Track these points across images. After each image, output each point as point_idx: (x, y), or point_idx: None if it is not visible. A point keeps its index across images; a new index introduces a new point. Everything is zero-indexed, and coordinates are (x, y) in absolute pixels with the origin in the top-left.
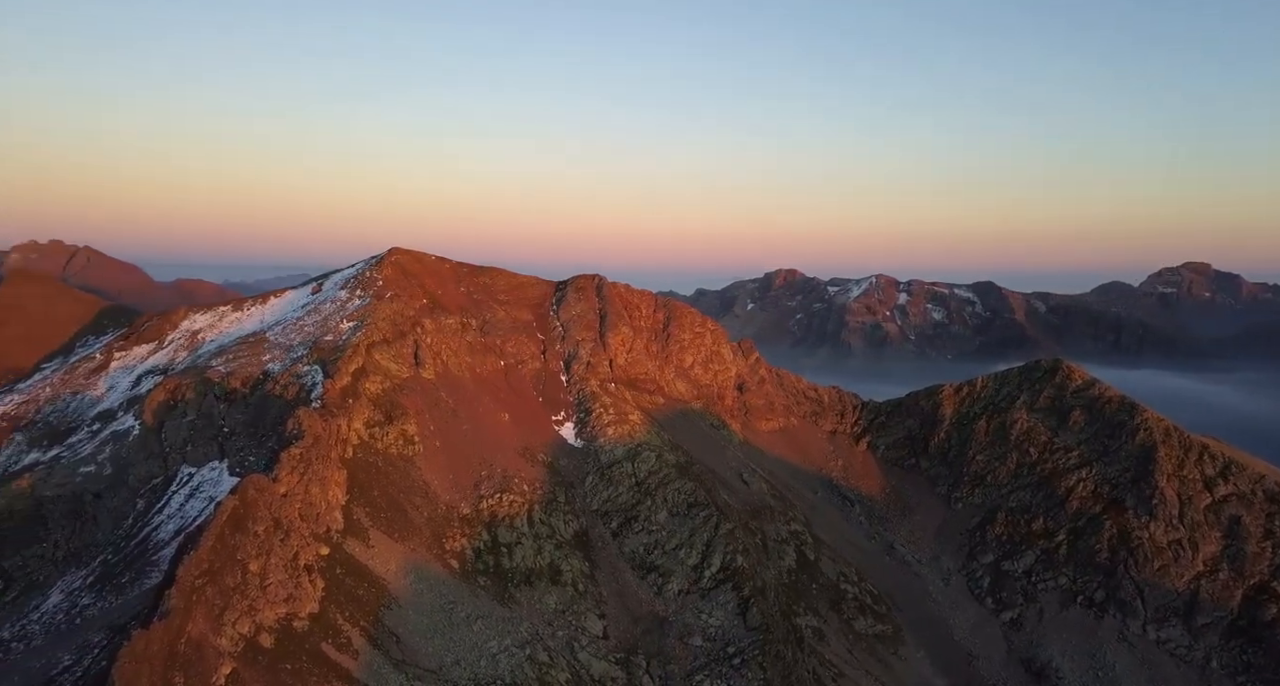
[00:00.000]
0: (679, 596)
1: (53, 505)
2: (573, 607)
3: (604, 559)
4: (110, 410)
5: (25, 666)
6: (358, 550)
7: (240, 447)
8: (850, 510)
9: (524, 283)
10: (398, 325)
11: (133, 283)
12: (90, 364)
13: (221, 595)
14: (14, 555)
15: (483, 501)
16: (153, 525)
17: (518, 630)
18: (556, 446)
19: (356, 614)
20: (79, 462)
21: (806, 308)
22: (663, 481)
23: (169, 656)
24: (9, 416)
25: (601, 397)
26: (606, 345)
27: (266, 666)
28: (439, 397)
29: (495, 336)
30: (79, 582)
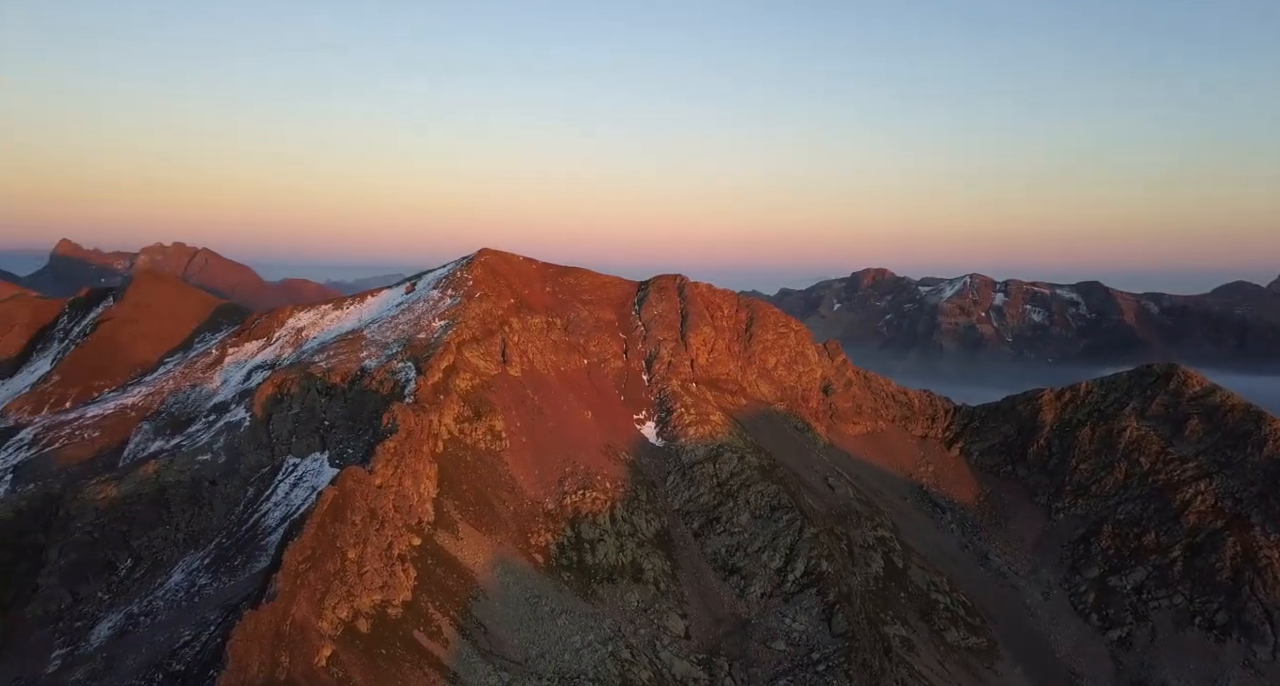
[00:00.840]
0: (762, 599)
1: (174, 490)
2: (654, 606)
3: (685, 559)
4: (224, 402)
5: (152, 639)
6: (447, 542)
7: (340, 440)
8: (941, 517)
9: (606, 282)
10: (486, 324)
11: (245, 282)
12: (207, 359)
13: (322, 580)
14: (141, 535)
15: (566, 497)
16: (261, 512)
17: (600, 626)
18: (638, 445)
19: (446, 603)
20: (197, 451)
21: (896, 308)
22: (745, 483)
23: (276, 636)
24: (137, 407)
25: (683, 397)
26: (688, 345)
27: (363, 650)
28: (525, 395)
29: (579, 335)
30: (197, 563)
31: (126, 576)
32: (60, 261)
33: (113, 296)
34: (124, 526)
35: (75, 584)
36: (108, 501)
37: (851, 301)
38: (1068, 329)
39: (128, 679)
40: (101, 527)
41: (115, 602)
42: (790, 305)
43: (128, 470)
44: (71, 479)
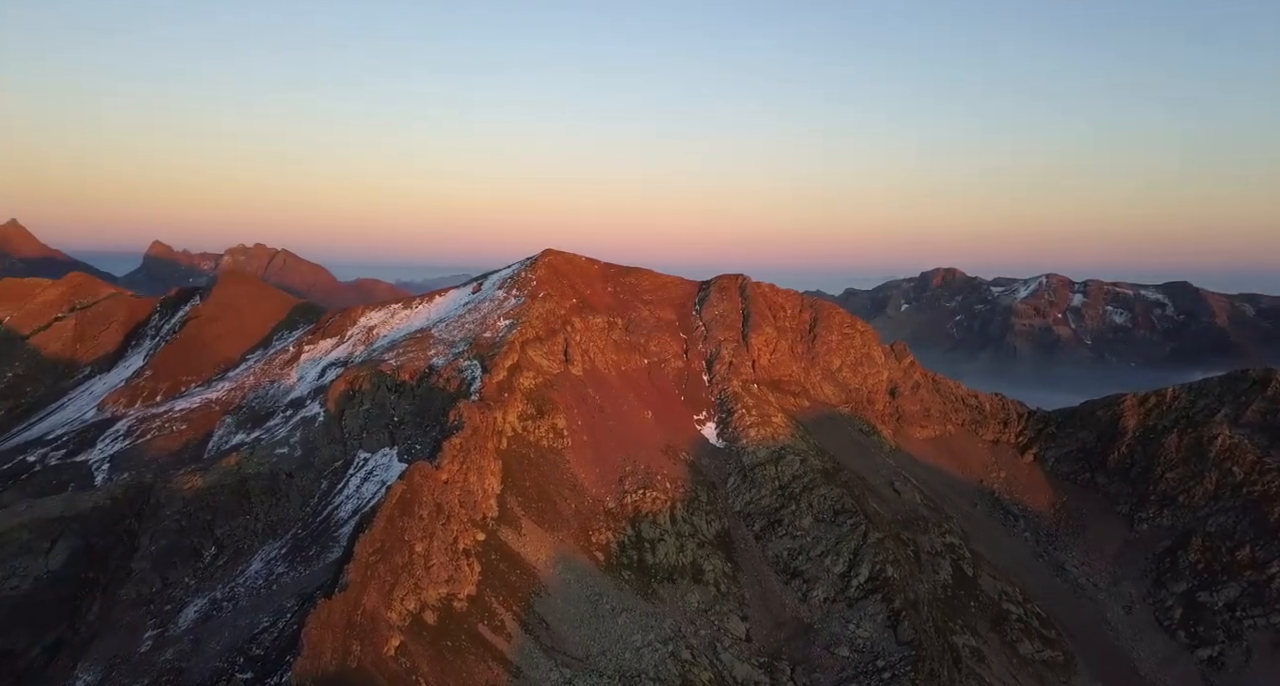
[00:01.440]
0: (825, 604)
1: (254, 482)
2: (715, 607)
3: (746, 561)
4: (300, 398)
5: (234, 623)
6: (510, 537)
7: (408, 436)
8: (1014, 525)
9: (667, 282)
10: (549, 323)
11: (320, 282)
12: (284, 356)
13: (391, 572)
14: (224, 524)
15: (627, 496)
16: (334, 504)
17: (661, 626)
18: (698, 445)
19: (510, 599)
20: (275, 444)
21: (967, 309)
22: (808, 486)
23: (348, 625)
24: (221, 401)
25: (744, 398)
26: (749, 345)
27: (430, 642)
28: (586, 394)
29: (639, 335)
30: (275, 552)
31: (210, 563)
32: (152, 262)
33: (199, 296)
34: (208, 515)
35: (165, 569)
36: (194, 491)
37: (920, 302)
38: (1153, 331)
39: (212, 661)
40: (188, 516)
41: (201, 588)
42: (856, 306)
43: (212, 462)
44: (161, 469)
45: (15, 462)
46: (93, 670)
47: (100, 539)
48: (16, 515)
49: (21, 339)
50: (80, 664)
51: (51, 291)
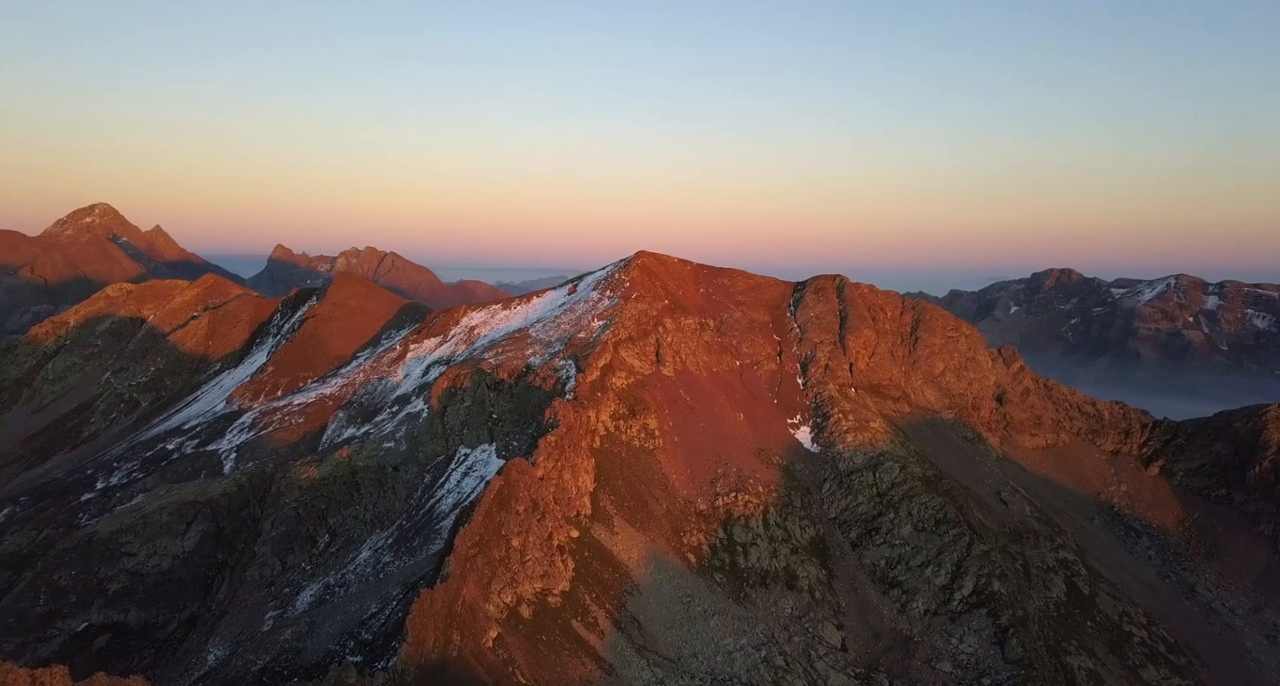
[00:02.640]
0: (925, 616)
1: (364, 474)
2: (809, 615)
3: (842, 568)
4: (406, 395)
5: (345, 608)
6: (603, 535)
7: (506, 432)
8: (1136, 543)
9: (761, 284)
10: (642, 324)
11: (425, 283)
12: (392, 354)
13: (489, 566)
14: (337, 514)
15: (718, 499)
16: (436, 498)
17: (753, 630)
18: (792, 450)
19: (602, 596)
20: (383, 438)
21: (1084, 311)
22: (907, 494)
23: (448, 616)
24: (334, 397)
25: (840, 403)
26: (847, 348)
27: (526, 635)
28: (678, 394)
29: (731, 337)
30: (382, 542)
31: (324, 550)
32: (275, 264)
33: (316, 296)
34: (322, 504)
35: (284, 554)
36: (309, 481)
37: (1031, 304)
38: None
39: (326, 643)
40: (305, 505)
41: (316, 573)
42: (961, 308)
43: (325, 454)
44: (281, 459)
45: (157, 450)
46: (222, 645)
47: (228, 523)
48: (157, 499)
49: (163, 336)
50: (211, 639)
51: (189, 292)
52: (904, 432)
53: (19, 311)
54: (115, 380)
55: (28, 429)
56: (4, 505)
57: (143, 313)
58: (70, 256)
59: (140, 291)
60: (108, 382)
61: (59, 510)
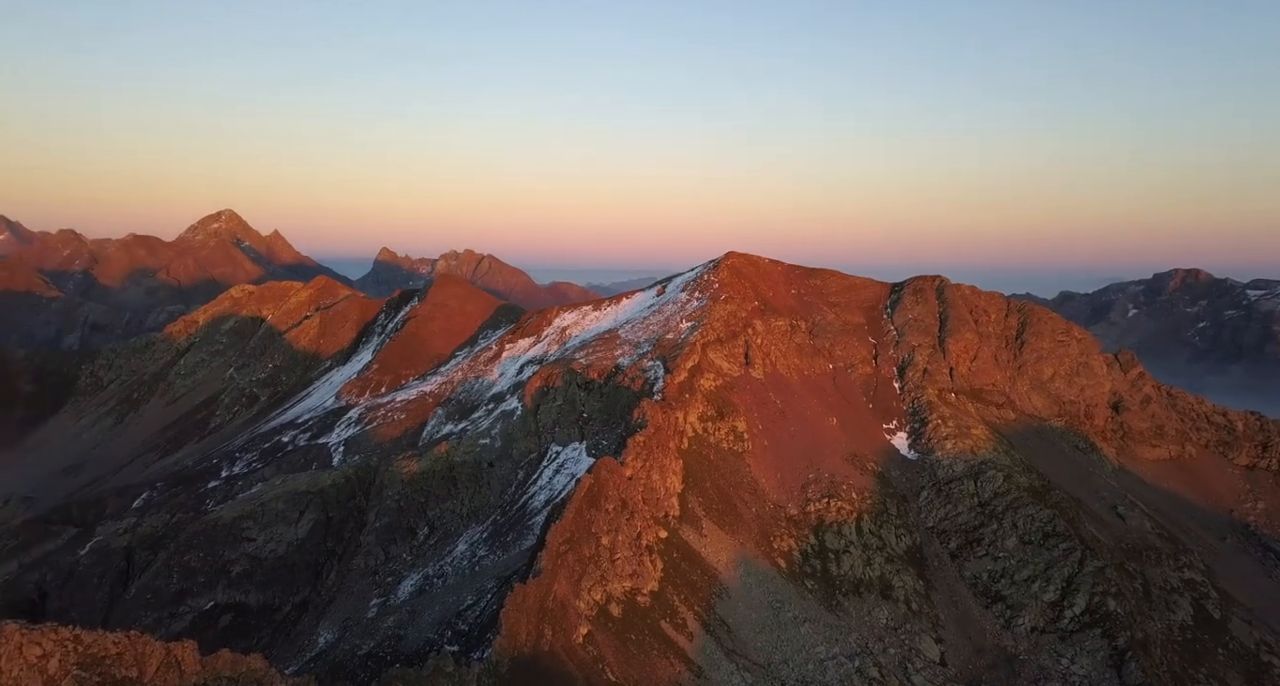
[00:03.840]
0: (1032, 634)
1: (461, 469)
2: (905, 626)
3: (941, 580)
4: (501, 393)
5: (443, 599)
6: (692, 537)
7: (596, 431)
8: (1275, 566)
9: (856, 284)
10: (731, 325)
11: (520, 284)
12: (488, 353)
13: (580, 563)
14: (435, 507)
15: (810, 504)
16: (529, 494)
17: (846, 639)
18: (887, 456)
19: (691, 598)
20: (479, 435)
21: (1214, 315)
22: (1012, 505)
23: (540, 610)
24: (434, 394)
25: (939, 408)
26: (946, 351)
27: (615, 633)
28: (768, 397)
29: (824, 339)
30: (478, 536)
31: (424, 542)
32: (381, 266)
33: (417, 297)
34: (422, 498)
35: (387, 544)
36: (410, 475)
37: (1152, 307)
38: None
39: (425, 631)
40: (406, 497)
41: (416, 563)
42: (1073, 310)
43: (425, 449)
44: (385, 453)
45: (273, 442)
46: (330, 629)
47: (336, 512)
48: (274, 488)
49: (279, 334)
50: (322, 622)
51: (303, 293)
52: (1008, 440)
53: (156, 311)
54: (238, 376)
55: (163, 420)
56: (143, 490)
57: (262, 312)
58: (200, 260)
59: (260, 292)
60: (231, 378)
61: (188, 496)
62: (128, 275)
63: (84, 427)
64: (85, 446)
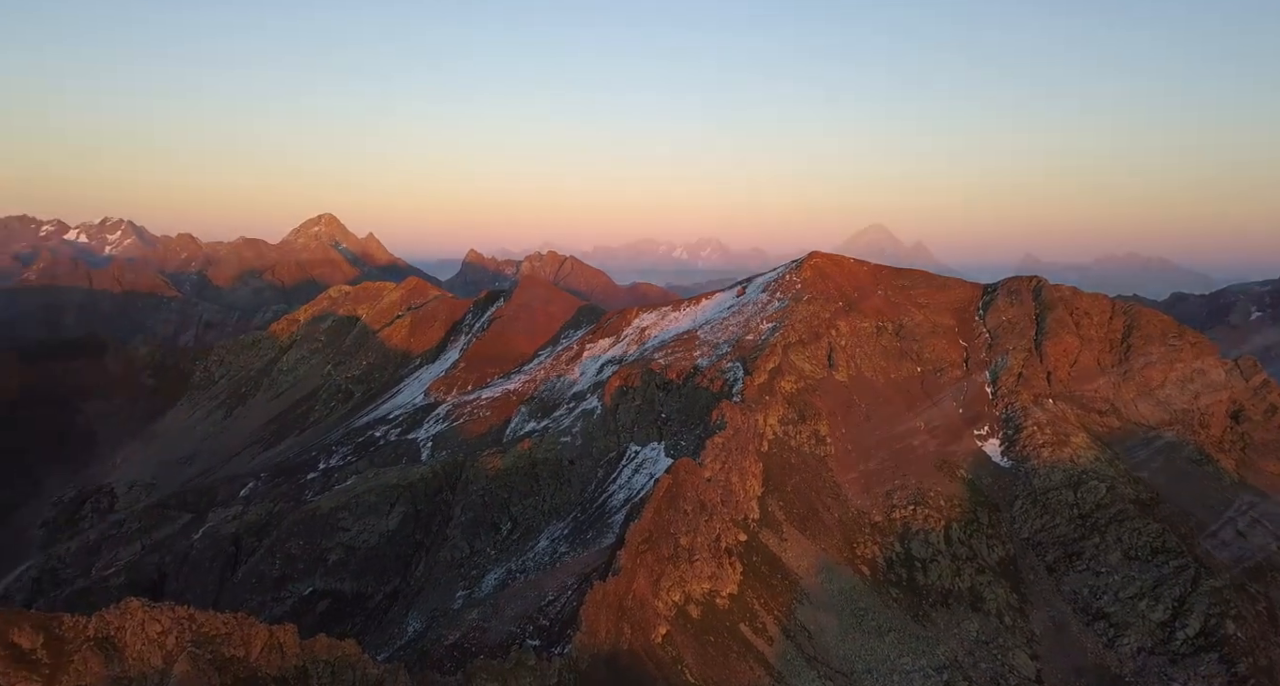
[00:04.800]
0: (1139, 655)
1: (543, 466)
2: (998, 640)
3: (1036, 593)
4: (582, 392)
5: (525, 594)
6: (771, 541)
7: (674, 432)
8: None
9: (946, 285)
10: (813, 327)
11: (600, 285)
12: (569, 353)
13: (658, 562)
14: (518, 503)
15: (895, 511)
16: (608, 492)
17: (934, 652)
18: (978, 463)
19: (771, 602)
20: (560, 433)
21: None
22: (1116, 518)
23: (620, 608)
24: (517, 392)
25: (1035, 414)
26: (1044, 355)
27: (694, 634)
28: (851, 400)
29: (912, 341)
30: (559, 532)
31: (507, 536)
32: (469, 268)
33: (503, 298)
34: (506, 494)
35: (472, 538)
36: (494, 471)
37: (1279, 309)
38: None
39: (508, 624)
40: (490, 493)
41: (499, 557)
42: (1187, 312)
43: (509, 446)
44: (471, 449)
45: (366, 437)
46: (419, 618)
47: (425, 505)
48: (366, 481)
49: (373, 333)
50: (410, 612)
51: (395, 294)
52: (1112, 449)
53: (262, 310)
54: (334, 372)
55: (267, 414)
56: (249, 480)
57: (357, 312)
58: (302, 262)
59: (355, 293)
60: (329, 374)
61: (290, 486)
62: (237, 276)
63: (197, 420)
64: (198, 437)
